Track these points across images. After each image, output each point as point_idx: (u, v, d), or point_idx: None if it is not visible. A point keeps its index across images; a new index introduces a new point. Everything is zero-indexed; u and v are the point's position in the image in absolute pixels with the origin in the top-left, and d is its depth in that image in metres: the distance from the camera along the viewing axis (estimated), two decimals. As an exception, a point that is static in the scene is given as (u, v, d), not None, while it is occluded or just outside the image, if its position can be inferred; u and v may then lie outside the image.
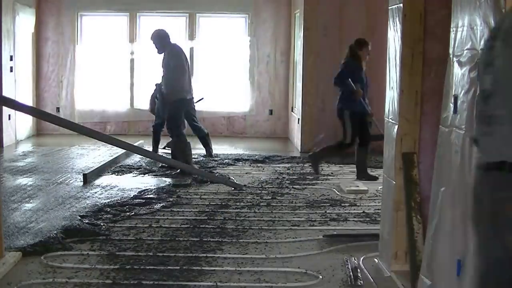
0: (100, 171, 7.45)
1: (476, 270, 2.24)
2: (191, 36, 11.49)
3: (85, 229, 4.94)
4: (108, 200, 6.04)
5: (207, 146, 8.95)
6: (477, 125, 2.21)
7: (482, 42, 2.57)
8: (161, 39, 7.54)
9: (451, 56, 2.94)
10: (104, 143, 8.10)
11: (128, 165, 8.09)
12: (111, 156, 8.12)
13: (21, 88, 10.36)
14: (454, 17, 2.92)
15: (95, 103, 11.56)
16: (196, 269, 4.11)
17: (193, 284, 3.86)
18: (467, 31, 2.73)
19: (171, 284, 3.84)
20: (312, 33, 9.58)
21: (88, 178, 6.97)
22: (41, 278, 3.92)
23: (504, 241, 2.03)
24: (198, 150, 9.54)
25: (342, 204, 6.08)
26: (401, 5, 3.91)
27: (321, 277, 4.02)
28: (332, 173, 7.79)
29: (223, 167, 8.11)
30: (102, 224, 5.15)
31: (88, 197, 6.23)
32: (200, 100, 9.36)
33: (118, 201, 6.01)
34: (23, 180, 7.05)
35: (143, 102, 10.34)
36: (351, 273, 4.04)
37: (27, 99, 10.55)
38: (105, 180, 7.14)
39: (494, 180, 2.06)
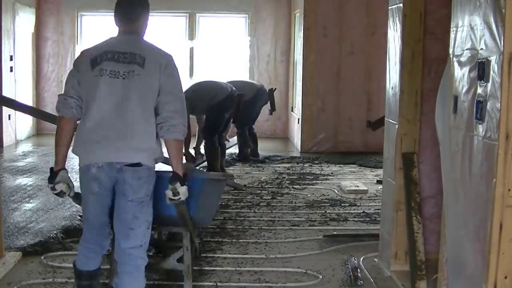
0: None
1: None
2: (191, 36, 11.48)
3: (85, 229, 4.94)
4: (108, 200, 6.04)
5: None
6: None
7: (482, 42, 2.57)
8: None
9: (451, 56, 2.94)
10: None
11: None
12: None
13: (21, 88, 10.35)
14: (454, 17, 2.92)
15: (95, 103, 11.53)
16: (196, 269, 4.11)
17: (193, 284, 3.85)
18: (467, 31, 2.73)
19: (171, 284, 3.84)
20: (312, 33, 9.57)
21: None
22: (41, 278, 3.92)
23: None
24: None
25: (342, 204, 6.08)
26: (401, 5, 3.91)
27: (321, 277, 4.03)
28: (332, 173, 7.78)
29: (223, 167, 8.10)
30: (102, 224, 5.15)
31: (88, 197, 6.22)
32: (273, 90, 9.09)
33: (118, 201, 6.00)
34: (23, 180, 7.04)
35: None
36: (351, 273, 4.04)
37: (27, 99, 10.54)
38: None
39: None
